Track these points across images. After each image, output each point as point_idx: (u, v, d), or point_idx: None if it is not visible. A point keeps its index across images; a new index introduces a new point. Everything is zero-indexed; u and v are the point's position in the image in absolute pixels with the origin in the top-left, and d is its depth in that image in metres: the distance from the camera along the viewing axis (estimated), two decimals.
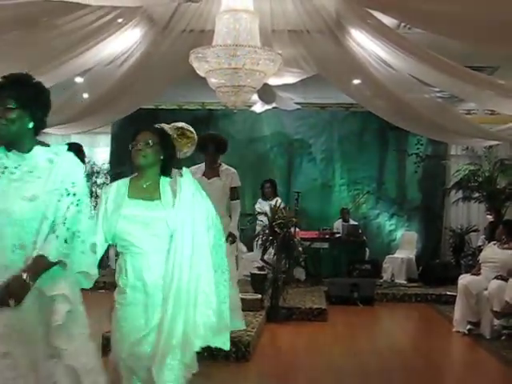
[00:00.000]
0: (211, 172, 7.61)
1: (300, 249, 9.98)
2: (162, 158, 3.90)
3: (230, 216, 7.66)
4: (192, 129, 4.55)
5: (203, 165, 7.66)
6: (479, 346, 8.27)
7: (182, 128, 4.47)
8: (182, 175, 3.89)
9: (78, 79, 10.12)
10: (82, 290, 3.32)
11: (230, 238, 7.32)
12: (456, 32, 6.58)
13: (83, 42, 8.10)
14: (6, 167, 3.12)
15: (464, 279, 9.11)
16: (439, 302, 11.38)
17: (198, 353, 3.77)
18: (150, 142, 3.84)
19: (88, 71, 9.50)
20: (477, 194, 13.18)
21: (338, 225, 13.88)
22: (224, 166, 7.74)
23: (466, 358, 8.24)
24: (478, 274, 9.09)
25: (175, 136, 4.33)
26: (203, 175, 7.43)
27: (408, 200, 15.09)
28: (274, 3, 8.09)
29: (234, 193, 7.76)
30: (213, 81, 7.97)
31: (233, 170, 7.78)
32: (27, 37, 7.42)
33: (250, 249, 12.16)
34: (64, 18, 7.29)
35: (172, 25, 8.51)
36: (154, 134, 3.91)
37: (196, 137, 4.56)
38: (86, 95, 10.10)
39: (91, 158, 14.53)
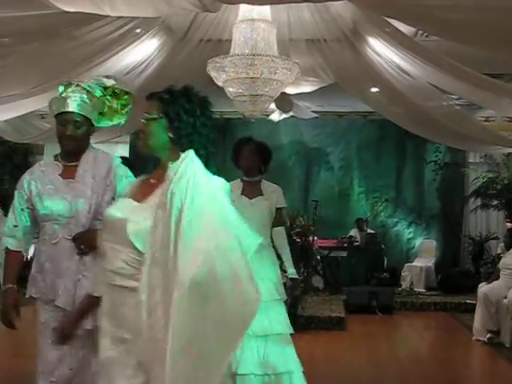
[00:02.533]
0: (252, 189, 5.70)
1: (318, 257, 9.98)
2: None
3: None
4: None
5: (239, 181, 5.73)
6: (499, 354, 8.22)
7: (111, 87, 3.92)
8: None
9: None
10: None
11: (290, 291, 6.07)
12: (474, 39, 6.55)
13: (101, 52, 8.14)
14: None
15: (484, 287, 9.06)
16: (459, 310, 11.33)
17: None
18: None
19: None
20: (496, 202, 13.10)
21: (354, 232, 13.85)
22: (265, 182, 5.83)
23: (486, 366, 8.18)
24: (495, 280, 9.05)
25: (105, 99, 3.90)
26: (242, 193, 5.59)
27: (426, 208, 15.05)
28: (291, 12, 8.11)
29: (280, 216, 5.82)
30: (230, 90, 8.01)
31: (275, 185, 5.89)
32: (46, 47, 7.48)
33: None
34: (82, 29, 7.34)
35: (190, 34, 8.54)
36: None
37: (131, 97, 3.93)
38: None
39: None
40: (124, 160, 3.95)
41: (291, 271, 5.81)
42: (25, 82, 8.05)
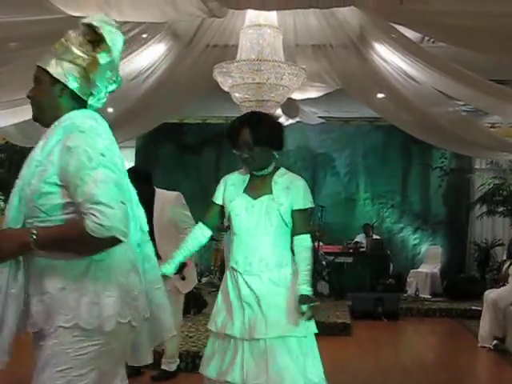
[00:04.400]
0: (259, 184, 4.07)
1: (324, 263, 9.97)
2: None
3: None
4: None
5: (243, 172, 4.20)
6: (505, 361, 8.18)
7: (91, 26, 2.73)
8: None
9: None
10: None
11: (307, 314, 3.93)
12: (480, 45, 6.56)
13: None
14: None
15: (492, 293, 9.02)
16: (464, 316, 11.28)
17: None
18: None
19: None
20: (501, 208, 13.08)
21: (359, 238, 13.84)
22: (282, 172, 4.09)
23: (492, 373, 8.15)
24: (504, 284, 9.05)
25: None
26: (245, 191, 4.08)
27: (432, 214, 15.03)
28: (298, 18, 8.13)
29: (300, 221, 4.05)
30: (237, 95, 8.03)
31: (293, 177, 4.10)
32: None
33: None
34: None
35: (196, 40, 8.57)
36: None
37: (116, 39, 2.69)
38: (110, 110, 10.18)
39: None
40: (136, 173, 3.86)
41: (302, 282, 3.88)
42: (31, 87, 8.05)
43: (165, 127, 11.52)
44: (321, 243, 10.89)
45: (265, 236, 3.95)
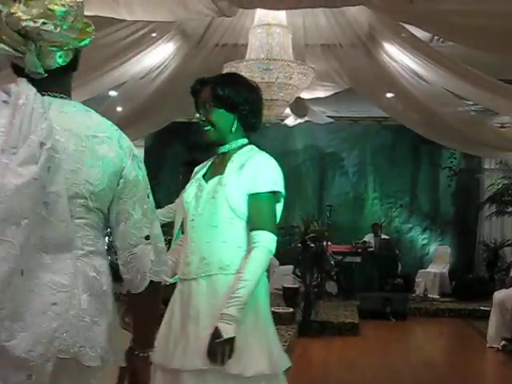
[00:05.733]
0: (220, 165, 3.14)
1: (332, 263, 9.96)
2: None
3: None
4: None
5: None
6: None
7: None
8: None
9: (112, 93, 10.24)
10: None
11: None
12: (490, 45, 6.54)
13: (117, 56, 8.19)
14: None
15: (500, 294, 9.00)
16: (473, 317, 11.26)
17: None
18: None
19: (122, 85, 9.60)
20: (511, 208, 13.04)
21: (368, 238, 13.82)
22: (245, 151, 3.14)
23: (500, 374, 8.13)
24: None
25: None
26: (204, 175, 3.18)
27: (441, 214, 15.00)
28: (307, 17, 8.12)
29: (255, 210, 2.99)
30: None
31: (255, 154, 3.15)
32: None
33: (282, 262, 12.13)
34: (98, 33, 7.37)
35: (205, 39, 8.58)
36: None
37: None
38: (119, 109, 10.21)
39: None
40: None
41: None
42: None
43: (173, 126, 11.54)
44: (329, 243, 10.85)
45: (208, 227, 2.90)
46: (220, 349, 2.65)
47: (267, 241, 2.83)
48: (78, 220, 1.96)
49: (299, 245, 9.71)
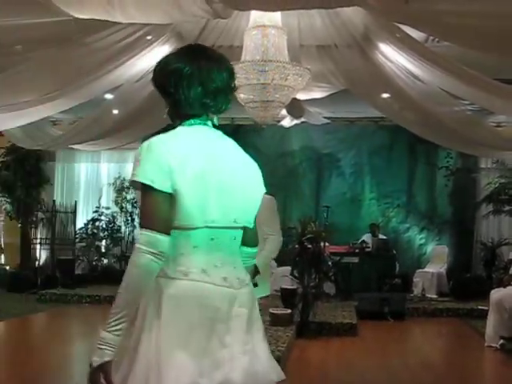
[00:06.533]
0: None
1: (330, 263, 9.96)
2: None
3: None
4: None
5: None
6: (511, 361, 8.18)
7: None
8: None
9: (108, 96, 10.23)
10: None
11: None
12: (485, 45, 6.55)
13: (113, 59, 8.18)
14: None
15: (497, 293, 9.01)
16: (471, 316, 11.27)
17: None
18: None
19: (118, 88, 9.60)
20: (507, 207, 13.05)
21: (366, 238, 13.83)
22: None
23: (498, 373, 8.14)
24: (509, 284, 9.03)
25: None
26: None
27: (438, 214, 15.00)
28: (302, 18, 8.13)
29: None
30: (242, 96, 8.03)
31: None
32: (58, 54, 7.53)
33: (280, 264, 12.14)
34: (94, 36, 7.39)
35: (201, 41, 8.56)
36: None
37: None
38: (115, 111, 10.21)
39: (121, 174, 14.75)
40: None
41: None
42: (37, 89, 8.10)
43: (169, 128, 11.54)
44: (326, 243, 10.85)
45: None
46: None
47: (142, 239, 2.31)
48: None
49: (296, 246, 9.72)
